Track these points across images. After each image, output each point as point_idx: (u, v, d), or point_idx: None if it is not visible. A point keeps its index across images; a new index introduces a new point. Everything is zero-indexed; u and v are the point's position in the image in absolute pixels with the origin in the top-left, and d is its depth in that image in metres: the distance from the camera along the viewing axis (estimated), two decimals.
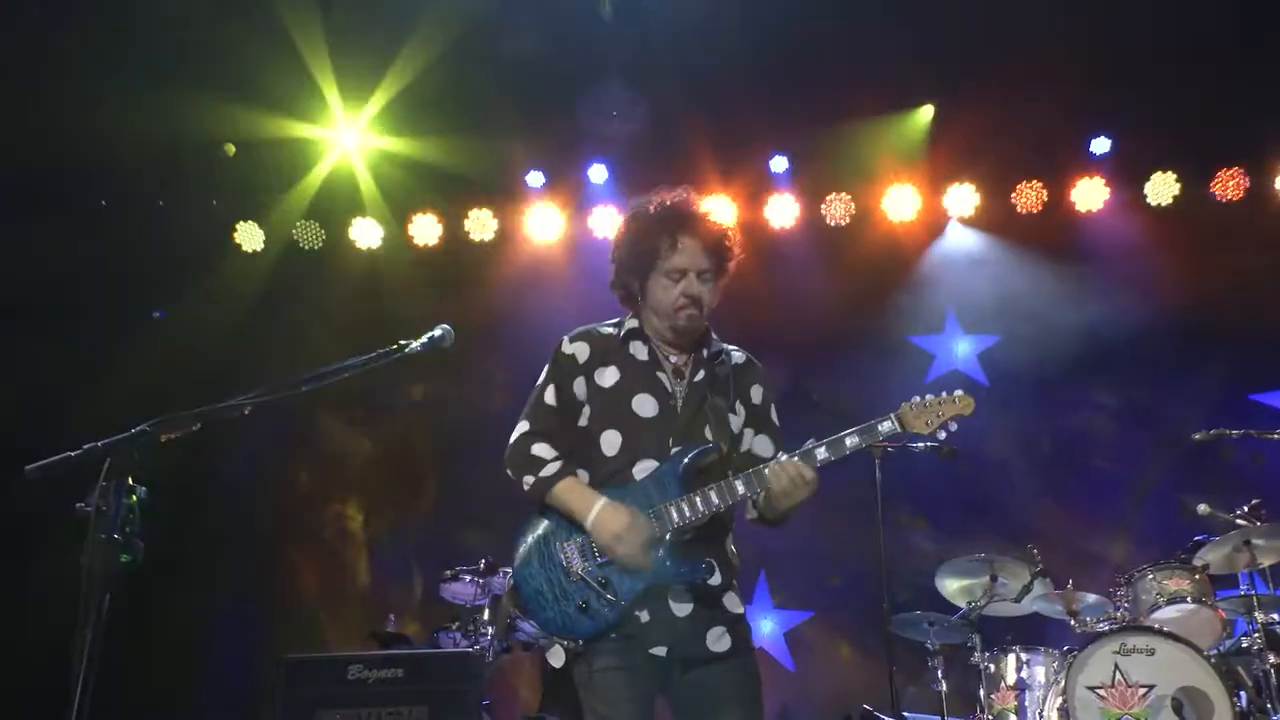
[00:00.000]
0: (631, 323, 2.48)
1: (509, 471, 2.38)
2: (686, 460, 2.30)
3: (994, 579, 4.31)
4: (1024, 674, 4.09)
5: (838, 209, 5.92)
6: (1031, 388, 5.78)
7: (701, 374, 2.42)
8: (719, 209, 2.52)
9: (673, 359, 2.44)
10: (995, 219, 5.93)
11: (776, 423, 2.47)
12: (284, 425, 6.44)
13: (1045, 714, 3.82)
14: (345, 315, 5.98)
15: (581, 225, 5.88)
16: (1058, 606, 4.21)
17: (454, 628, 4.62)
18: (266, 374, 2.49)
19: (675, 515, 2.26)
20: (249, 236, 6.10)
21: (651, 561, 2.25)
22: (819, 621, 5.98)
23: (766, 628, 6.07)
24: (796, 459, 2.25)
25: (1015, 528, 5.32)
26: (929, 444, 4.02)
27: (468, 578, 4.67)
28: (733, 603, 2.37)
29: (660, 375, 2.41)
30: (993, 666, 4.16)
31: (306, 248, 6.02)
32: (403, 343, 2.21)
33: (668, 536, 2.26)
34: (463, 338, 2.33)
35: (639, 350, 2.44)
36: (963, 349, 6.11)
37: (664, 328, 2.43)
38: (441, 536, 5.79)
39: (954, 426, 2.23)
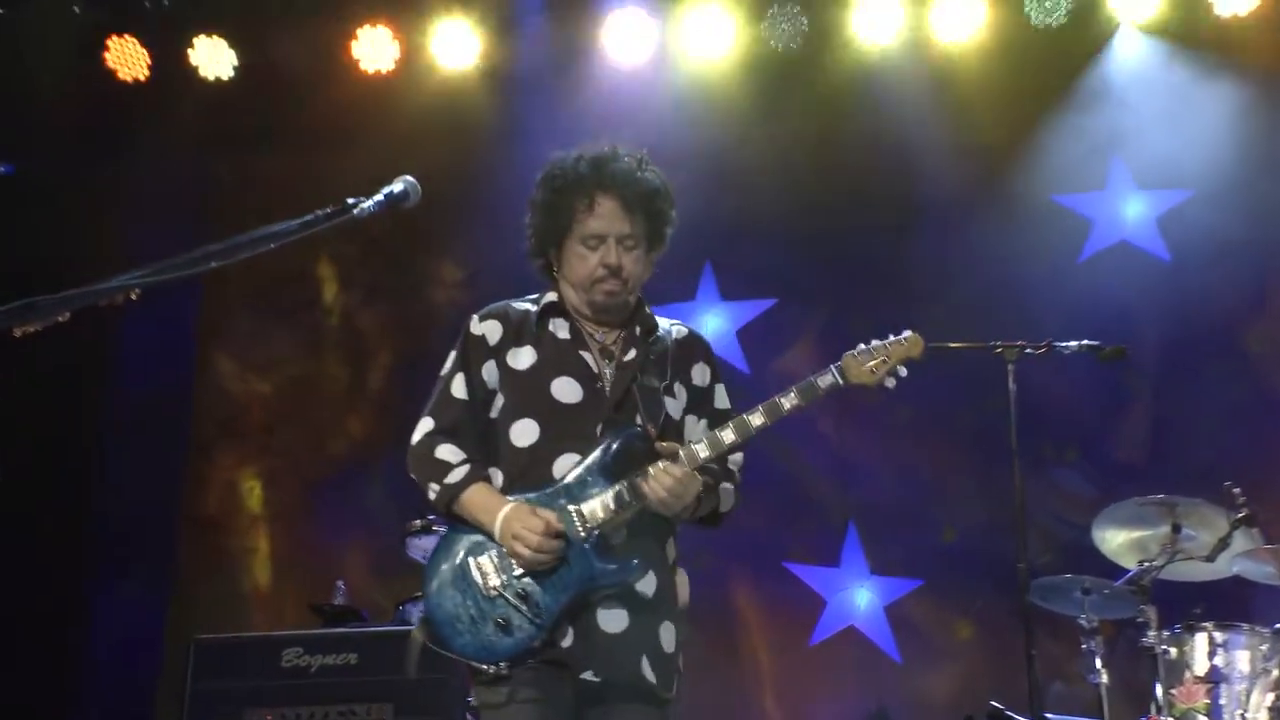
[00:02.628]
0: (551, 296, 2.70)
1: (412, 476, 2.64)
2: (615, 448, 2.54)
3: (1176, 530, 4.21)
4: (1219, 661, 4.03)
5: (951, 16, 5.87)
6: (1233, 265, 5.75)
7: (633, 353, 2.64)
8: (650, 164, 2.71)
9: (599, 337, 2.66)
10: (1187, 23, 5.82)
11: (727, 405, 2.71)
12: (188, 318, 6.64)
13: (1250, 716, 3.80)
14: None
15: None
16: (1268, 568, 4.16)
17: None
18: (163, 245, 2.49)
19: (600, 511, 2.50)
20: (126, 56, 6.11)
21: (574, 565, 2.48)
22: (931, 592, 6.12)
23: (862, 601, 6.28)
24: (679, 456, 2.49)
25: (1206, 461, 5.32)
26: (1084, 345, 4.12)
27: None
28: (666, 636, 2.58)
29: (584, 355, 2.63)
30: (1173, 651, 4.08)
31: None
32: (351, 201, 2.20)
33: (591, 537, 2.51)
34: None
35: (560, 328, 2.67)
36: (1134, 211, 6.09)
37: (582, 303, 2.66)
38: (407, 476, 6.16)
39: (903, 371, 2.44)
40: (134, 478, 6.44)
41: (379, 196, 2.23)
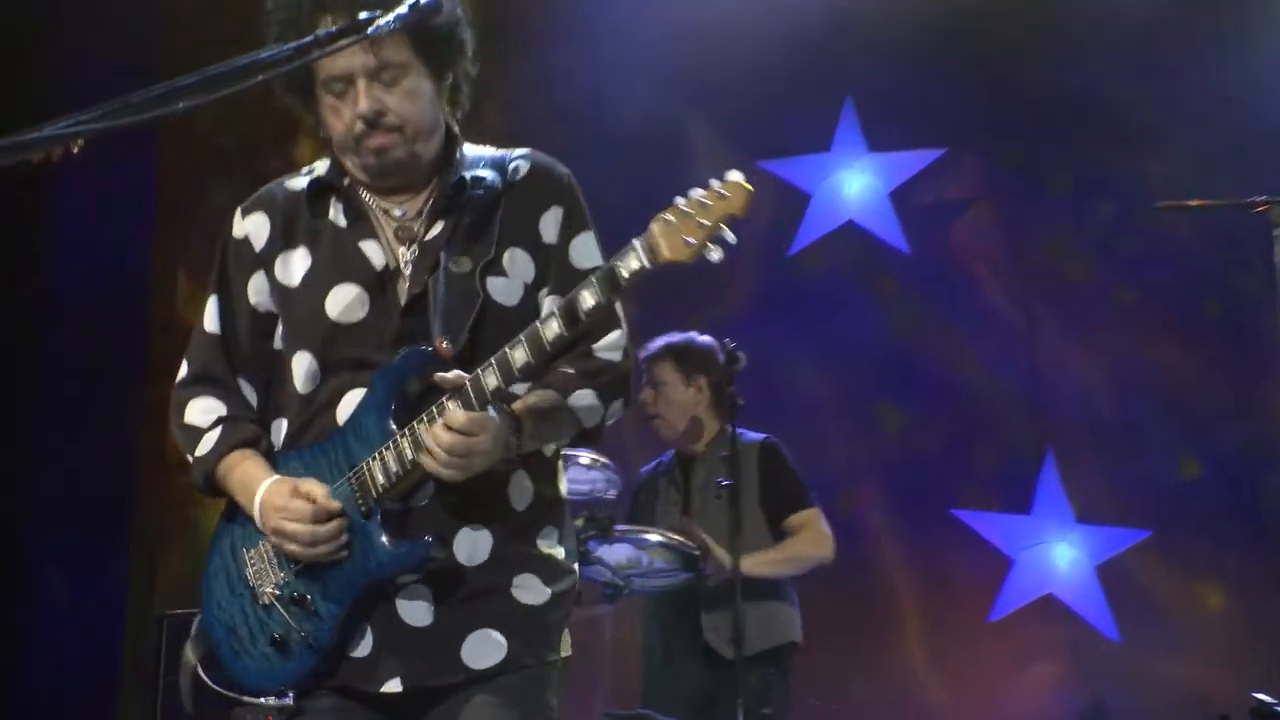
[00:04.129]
0: (322, 167, 2.73)
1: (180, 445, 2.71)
2: (392, 381, 2.54)
3: None
4: None
5: None
6: None
7: (440, 226, 2.64)
8: None
9: (398, 213, 2.67)
10: None
11: (597, 262, 2.64)
12: (145, 181, 6.81)
13: None
14: None
15: None
16: None
17: None
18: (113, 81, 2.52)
19: (379, 475, 2.51)
20: None
21: (355, 552, 2.51)
22: (1161, 547, 6.14)
23: (1063, 559, 6.33)
24: (466, 391, 2.47)
25: None
26: None
27: None
28: (523, 586, 2.60)
29: (368, 246, 2.64)
30: None
31: None
32: (364, 16, 2.23)
33: (373, 513, 2.52)
34: None
35: (337, 211, 2.69)
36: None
37: (357, 169, 2.66)
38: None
39: (730, 237, 2.38)
40: (78, 416, 6.55)
41: (401, 10, 2.23)
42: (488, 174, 2.68)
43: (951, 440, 6.47)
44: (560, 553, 2.65)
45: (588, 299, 2.41)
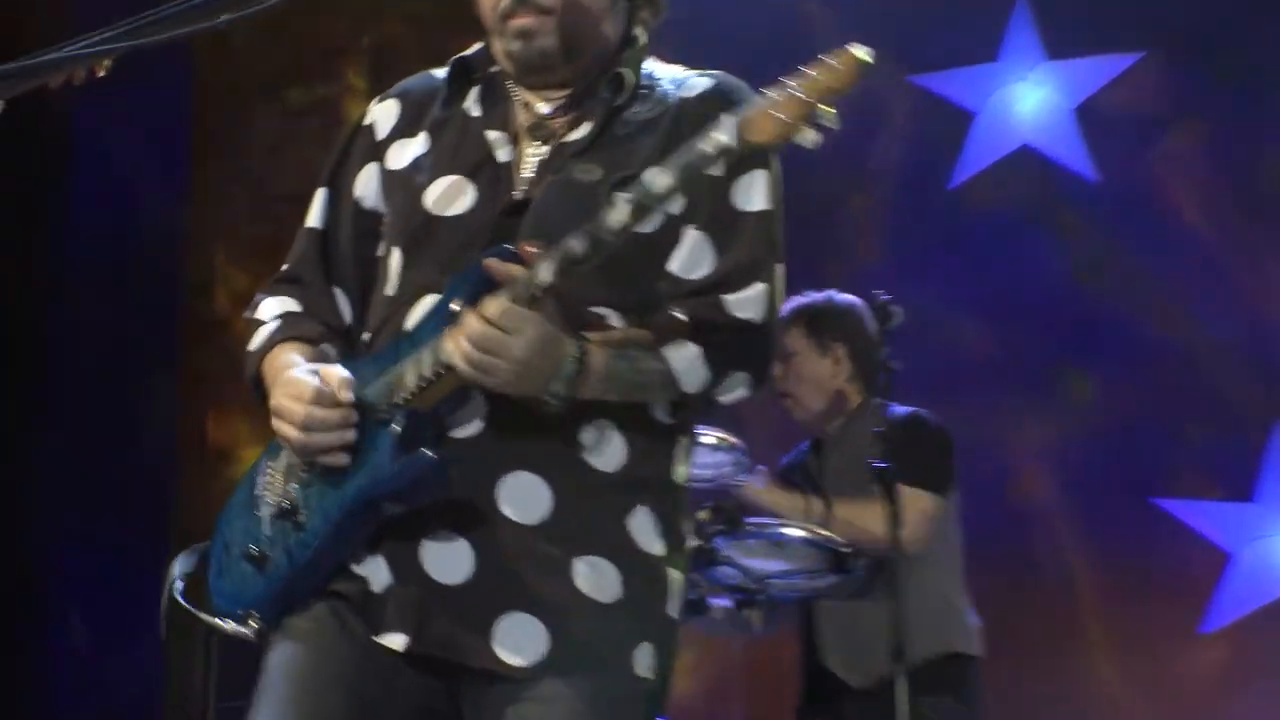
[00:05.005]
0: (471, 50, 2.84)
1: None
2: (467, 279, 2.57)
3: None
4: None
5: None
6: None
7: (586, 129, 2.71)
8: None
9: (542, 107, 2.75)
10: None
11: (762, 206, 2.68)
12: (178, 115, 7.02)
13: None
14: None
15: None
16: None
17: None
18: None
19: (410, 378, 2.56)
20: None
21: (362, 459, 2.55)
22: None
23: None
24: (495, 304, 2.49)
25: None
26: None
27: None
28: (589, 573, 2.58)
29: (493, 137, 2.73)
30: None
31: None
32: None
33: (395, 416, 2.55)
34: None
35: (473, 99, 2.80)
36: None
37: (502, 57, 2.75)
38: None
39: (830, 117, 2.36)
40: (100, 397, 6.69)
41: None
42: (660, 85, 2.75)
43: (1152, 412, 6.43)
44: (658, 546, 2.62)
45: (659, 180, 2.42)
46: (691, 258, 2.64)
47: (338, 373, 2.57)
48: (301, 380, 2.57)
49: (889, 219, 6.77)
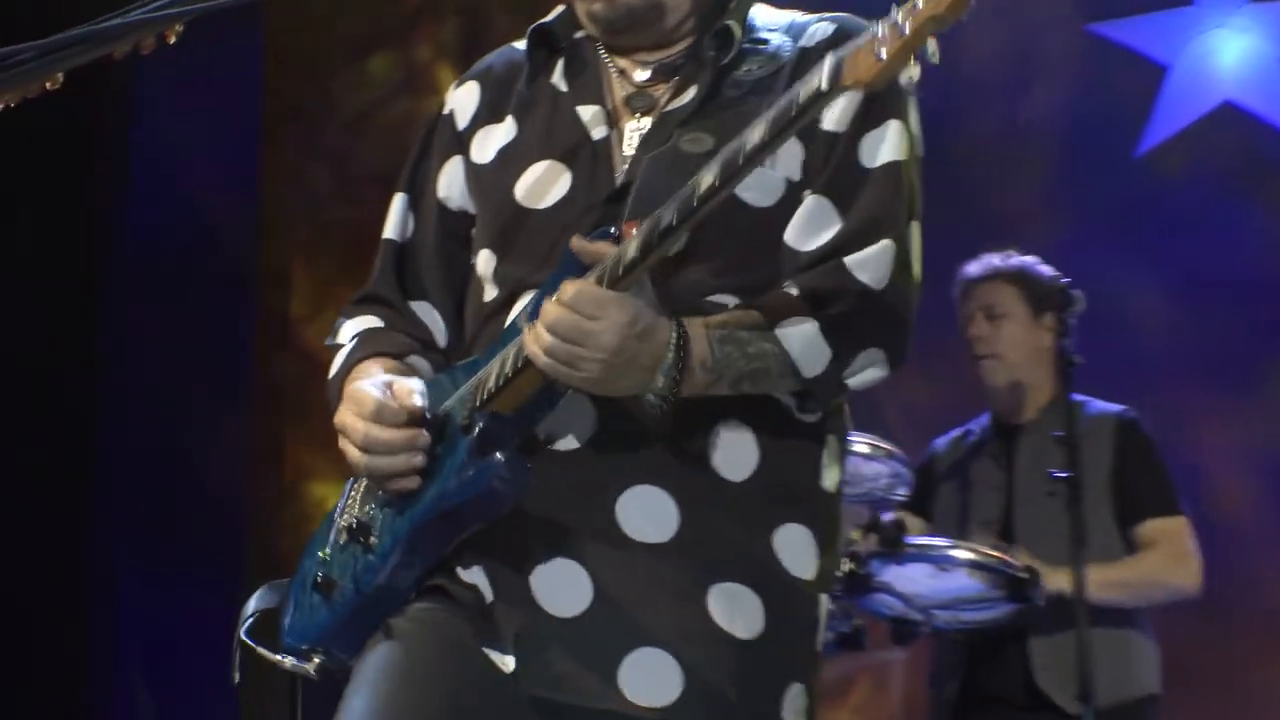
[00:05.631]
0: (555, 15, 2.83)
1: None
2: (563, 274, 2.54)
3: None
4: None
5: None
6: None
7: (691, 94, 2.69)
8: None
9: (639, 75, 2.75)
10: None
11: (894, 157, 2.64)
12: (247, 83, 7.05)
13: None
14: None
15: None
16: None
17: None
18: None
19: (491, 378, 2.55)
20: None
21: (435, 473, 2.55)
22: None
23: None
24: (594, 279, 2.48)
25: None
26: None
27: None
28: (727, 602, 2.55)
29: (587, 113, 2.73)
30: None
31: None
32: None
33: (476, 422, 2.53)
34: None
35: (560, 72, 2.81)
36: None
37: (584, 19, 2.75)
38: None
39: (931, 50, 2.27)
40: (162, 403, 6.73)
41: None
42: (774, 37, 2.72)
43: None
44: (809, 570, 2.59)
45: (749, 135, 2.38)
46: (811, 224, 2.61)
47: (407, 385, 2.58)
48: (365, 394, 2.57)
49: (1060, 192, 6.73)
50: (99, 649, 6.53)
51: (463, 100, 2.86)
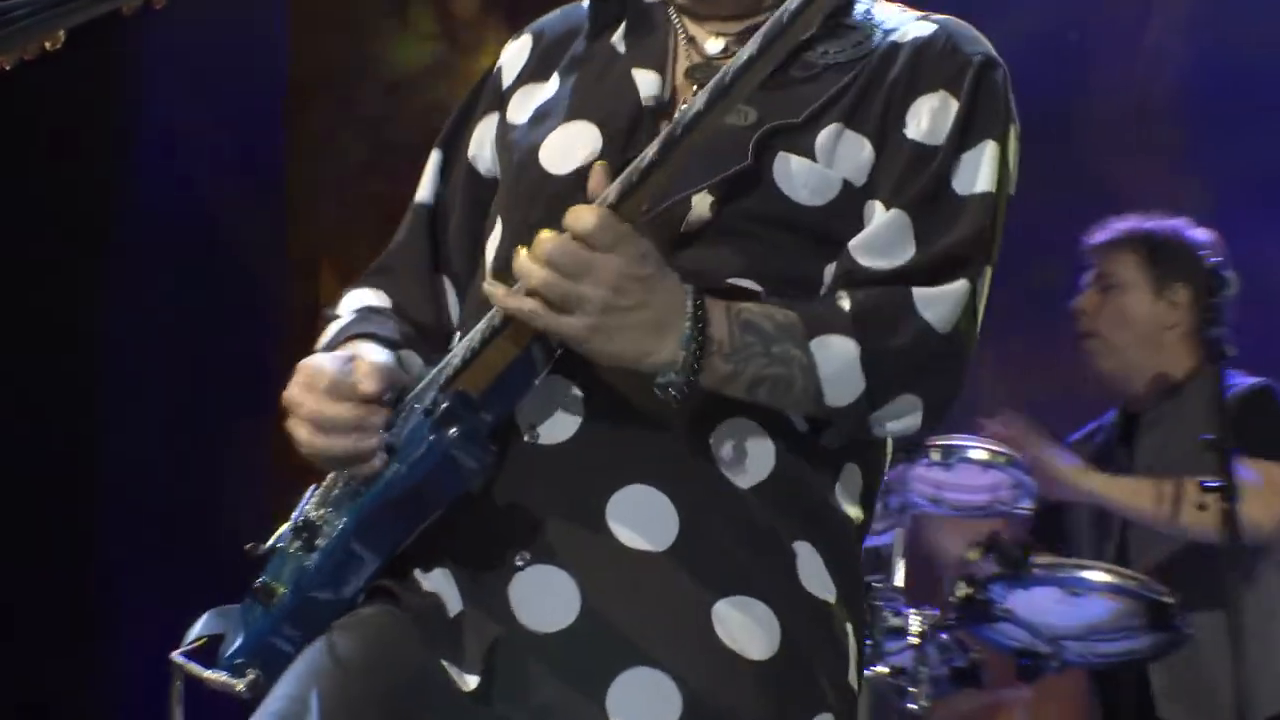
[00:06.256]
0: None
1: None
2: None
3: None
4: None
5: None
6: None
7: (766, 66, 2.56)
8: None
9: (711, 46, 2.76)
10: None
11: (986, 188, 2.65)
12: (272, 45, 7.14)
13: None
14: None
15: None
16: None
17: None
18: None
19: (459, 353, 2.55)
20: None
21: (400, 454, 2.54)
22: None
23: None
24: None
25: None
26: None
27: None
28: (735, 617, 2.53)
29: (643, 77, 2.75)
30: None
31: None
32: None
33: (436, 406, 2.50)
34: None
35: (622, 34, 2.83)
36: None
37: None
38: None
39: None
40: (173, 410, 6.80)
41: None
42: (867, 29, 2.72)
43: None
44: (830, 591, 2.57)
45: (743, 52, 2.43)
46: (885, 240, 2.59)
47: (373, 361, 2.59)
48: (320, 367, 2.60)
49: (1214, 151, 6.65)
50: (105, 664, 6.64)
51: (513, 55, 2.90)
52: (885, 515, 5.32)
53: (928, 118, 2.64)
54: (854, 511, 2.62)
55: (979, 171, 2.63)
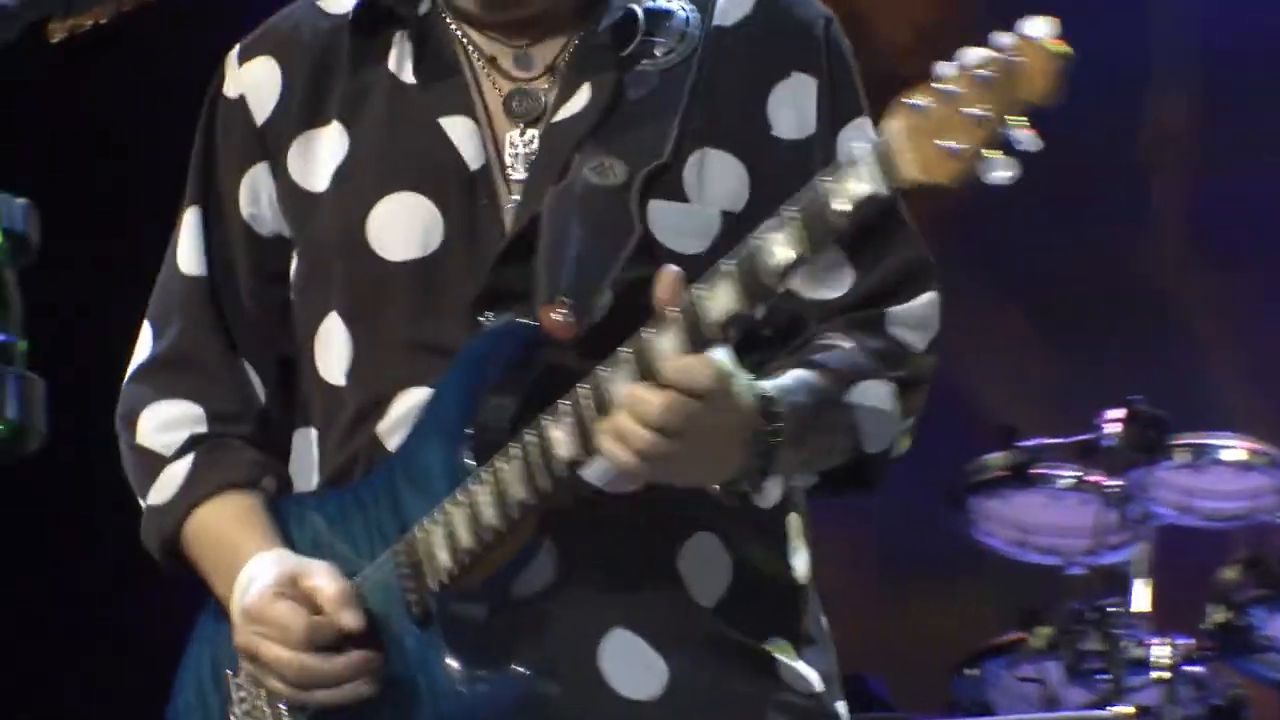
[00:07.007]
0: None
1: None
2: (468, 383, 2.49)
3: None
4: None
5: None
6: None
7: (585, 95, 2.55)
8: None
9: (510, 65, 2.60)
10: None
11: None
12: None
13: None
14: None
15: None
16: None
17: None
18: None
19: (442, 551, 2.43)
20: None
21: (399, 686, 2.46)
22: None
23: None
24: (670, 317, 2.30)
25: None
26: None
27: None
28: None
29: (453, 125, 2.58)
30: None
31: None
32: None
33: (432, 614, 2.44)
34: None
35: (401, 54, 2.65)
36: None
37: None
38: None
39: (1027, 137, 2.12)
40: None
41: None
42: (679, 10, 2.58)
43: None
44: (815, 680, 2.53)
45: (778, 253, 2.25)
46: (822, 268, 2.50)
47: (328, 581, 2.42)
48: (280, 615, 2.40)
49: None
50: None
51: (257, 82, 2.65)
52: (1122, 527, 5.30)
53: (789, 107, 2.54)
54: (806, 559, 2.56)
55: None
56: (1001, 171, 2.12)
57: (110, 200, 6.47)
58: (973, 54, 2.13)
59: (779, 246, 2.25)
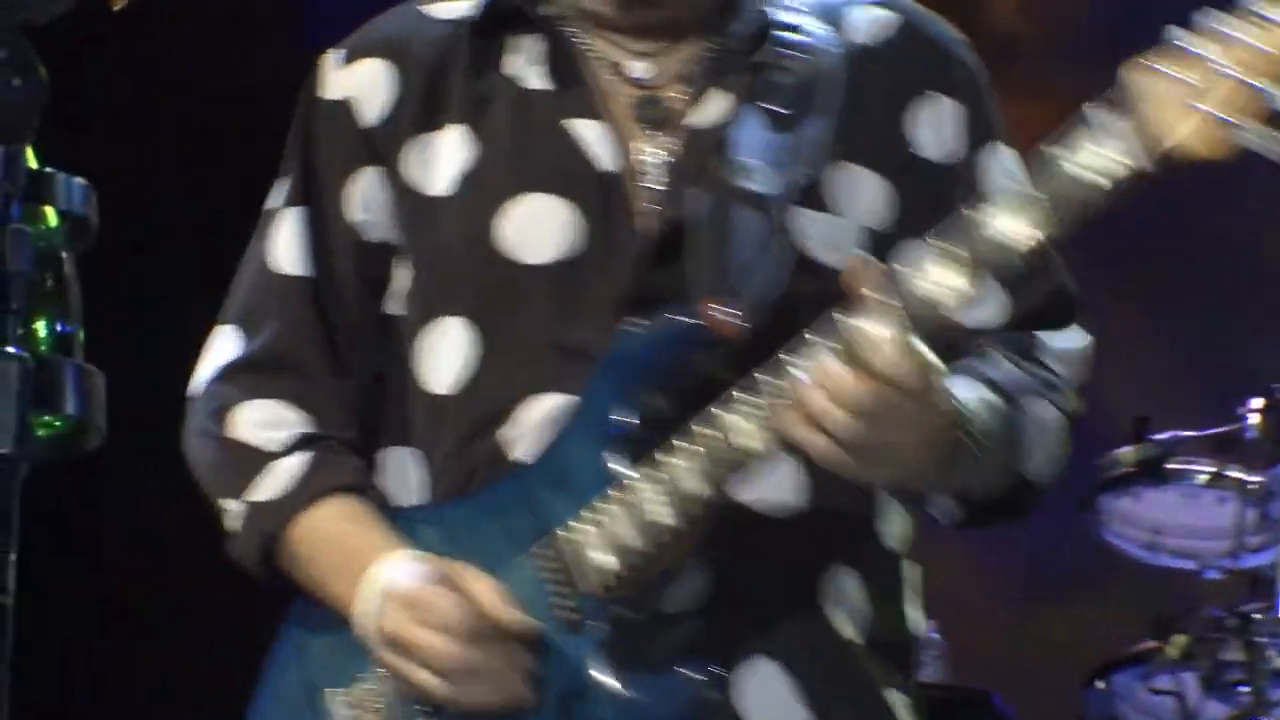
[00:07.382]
0: None
1: (195, 475, 2.74)
2: (621, 383, 2.53)
3: None
4: None
5: None
6: None
7: (721, 103, 2.62)
8: None
9: (638, 70, 2.65)
10: None
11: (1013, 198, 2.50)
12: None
13: None
14: None
15: None
16: None
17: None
18: None
19: (600, 555, 2.46)
20: None
21: (548, 697, 2.49)
22: None
23: None
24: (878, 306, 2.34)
25: None
26: None
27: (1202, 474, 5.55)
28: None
29: (582, 129, 2.63)
30: None
31: None
32: None
33: (594, 619, 2.48)
34: None
35: (526, 60, 2.69)
36: None
37: None
38: None
39: None
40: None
41: None
42: (809, 24, 2.64)
43: None
44: None
45: (1018, 235, 2.29)
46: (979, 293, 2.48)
47: (484, 582, 2.44)
48: (440, 601, 2.45)
49: None
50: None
51: (364, 85, 2.67)
52: (1264, 527, 5.33)
53: (929, 127, 2.59)
54: (919, 619, 2.65)
55: (999, 172, 2.60)
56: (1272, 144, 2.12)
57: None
58: (1241, 24, 2.13)
59: (1023, 229, 2.24)
